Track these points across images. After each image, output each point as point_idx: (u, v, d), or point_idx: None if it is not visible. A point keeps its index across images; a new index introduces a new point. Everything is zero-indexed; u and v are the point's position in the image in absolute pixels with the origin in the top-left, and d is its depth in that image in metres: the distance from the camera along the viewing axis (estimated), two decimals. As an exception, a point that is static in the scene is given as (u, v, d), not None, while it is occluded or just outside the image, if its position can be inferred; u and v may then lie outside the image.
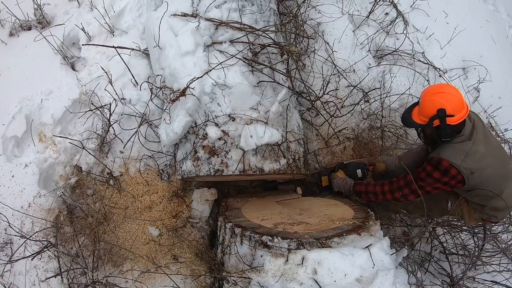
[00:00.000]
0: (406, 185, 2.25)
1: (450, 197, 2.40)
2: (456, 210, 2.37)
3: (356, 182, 2.54)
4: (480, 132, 2.16)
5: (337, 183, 2.63)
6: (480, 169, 2.08)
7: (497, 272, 2.97)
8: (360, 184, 2.51)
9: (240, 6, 2.45)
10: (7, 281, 2.29)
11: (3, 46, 2.93)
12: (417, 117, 2.16)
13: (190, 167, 2.29)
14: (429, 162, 2.17)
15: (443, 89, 2.09)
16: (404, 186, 2.27)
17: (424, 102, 2.10)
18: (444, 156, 2.09)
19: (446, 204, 2.43)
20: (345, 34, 3.33)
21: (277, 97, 2.31)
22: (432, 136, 2.19)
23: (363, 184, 2.49)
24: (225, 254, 2.17)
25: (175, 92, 2.30)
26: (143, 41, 2.80)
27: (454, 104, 2.03)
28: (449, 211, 2.41)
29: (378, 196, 2.38)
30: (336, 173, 2.67)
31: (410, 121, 2.20)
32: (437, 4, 3.97)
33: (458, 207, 2.36)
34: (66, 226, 2.49)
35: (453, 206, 2.37)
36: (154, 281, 2.54)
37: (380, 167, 2.76)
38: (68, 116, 2.66)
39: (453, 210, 2.38)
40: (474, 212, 2.37)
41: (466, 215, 2.41)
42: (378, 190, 2.38)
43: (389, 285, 1.72)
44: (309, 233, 1.94)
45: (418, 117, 2.15)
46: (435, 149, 2.20)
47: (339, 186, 2.62)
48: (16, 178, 2.47)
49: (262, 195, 2.84)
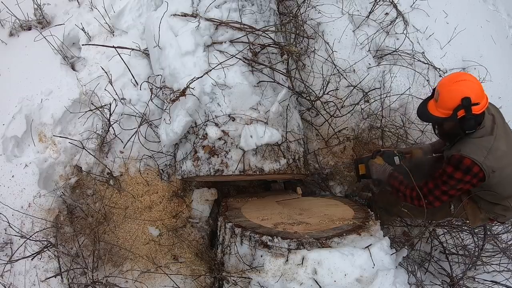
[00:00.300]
0: (430, 192, 2.12)
1: (453, 200, 2.33)
2: (459, 212, 2.31)
3: (393, 173, 2.38)
4: (501, 128, 2.04)
5: (375, 170, 2.48)
6: (501, 168, 1.97)
7: (497, 272, 2.97)
8: (395, 178, 2.34)
9: (240, 6, 2.45)
10: (7, 281, 2.29)
11: (3, 46, 2.93)
12: (436, 111, 2.00)
13: (190, 167, 2.29)
14: (448, 161, 2.04)
15: (462, 77, 1.94)
16: (427, 193, 2.13)
17: (444, 93, 1.94)
18: (465, 153, 1.95)
19: (449, 208, 2.37)
20: (345, 34, 3.33)
21: (277, 97, 2.31)
22: (452, 130, 2.04)
23: (398, 180, 2.32)
24: (225, 254, 2.17)
25: (175, 92, 2.30)
26: (143, 41, 2.80)
27: (476, 91, 1.89)
28: (453, 214, 2.36)
29: (407, 199, 2.25)
30: (374, 160, 2.53)
31: (429, 116, 2.03)
32: (437, 4, 3.97)
33: (462, 209, 2.29)
34: (66, 226, 2.49)
35: (456, 209, 2.31)
36: (154, 281, 2.54)
37: (418, 154, 2.62)
38: (68, 116, 2.66)
39: (456, 213, 2.32)
40: (479, 212, 2.29)
41: (471, 216, 2.32)
42: (407, 193, 2.24)
43: (389, 285, 1.72)
44: (309, 233, 1.94)
45: (438, 110, 1.99)
46: (454, 145, 2.07)
47: (377, 172, 2.47)
48: (16, 178, 2.47)
49: (262, 195, 2.84)
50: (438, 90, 1.99)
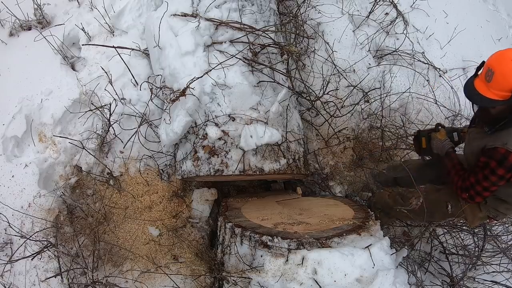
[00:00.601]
0: (472, 186, 2.01)
1: (451, 200, 2.32)
2: (457, 212, 2.29)
3: (451, 152, 2.27)
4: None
5: (436, 145, 2.36)
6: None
7: (497, 272, 2.97)
8: (451, 160, 2.22)
9: (240, 6, 2.45)
10: (7, 281, 2.29)
11: (3, 46, 2.93)
12: (489, 92, 1.78)
13: (190, 167, 2.29)
14: (491, 155, 1.88)
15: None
16: (470, 187, 2.02)
17: (504, 73, 1.71)
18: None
19: (447, 208, 2.35)
20: (345, 34, 3.33)
21: (277, 97, 2.31)
22: (501, 114, 1.84)
23: (453, 162, 2.20)
24: (225, 254, 2.17)
25: (175, 92, 2.30)
26: (143, 41, 2.80)
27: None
28: (451, 214, 2.34)
29: (453, 186, 2.13)
30: (436, 134, 2.40)
31: (483, 99, 1.80)
32: (437, 4, 3.98)
33: (460, 208, 2.27)
34: (66, 226, 2.49)
35: (453, 208, 2.29)
36: (154, 281, 2.54)
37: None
38: (68, 116, 2.65)
39: (454, 212, 2.30)
40: (479, 210, 2.23)
41: (469, 216, 2.28)
42: (455, 180, 2.12)
43: (389, 285, 1.72)
44: (309, 233, 1.94)
45: (491, 91, 1.77)
46: (497, 133, 1.89)
47: (437, 147, 2.34)
48: (16, 178, 2.47)
49: (262, 195, 2.84)
50: (491, 69, 1.76)
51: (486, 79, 1.79)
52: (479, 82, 1.84)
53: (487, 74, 1.78)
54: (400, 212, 2.45)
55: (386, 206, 2.68)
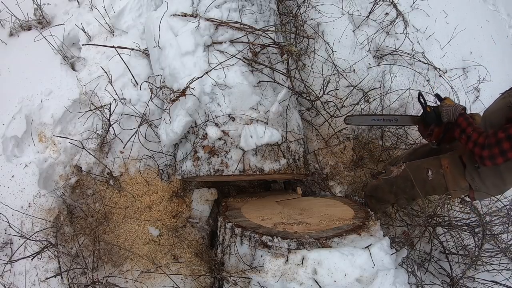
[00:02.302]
0: (497, 143, 1.86)
1: (431, 167, 2.25)
2: (437, 179, 2.21)
3: (464, 113, 2.16)
4: None
5: (446, 111, 2.21)
6: None
7: (497, 272, 2.97)
8: (466, 119, 2.10)
9: (240, 6, 2.45)
10: (7, 281, 2.29)
11: (3, 46, 2.93)
12: None
13: (190, 167, 2.29)
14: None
15: None
16: (495, 144, 1.87)
17: None
18: None
19: (427, 174, 2.26)
20: (345, 34, 3.33)
21: (277, 97, 2.31)
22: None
23: (468, 121, 2.08)
24: (225, 254, 2.17)
25: (175, 92, 2.30)
26: (143, 41, 2.80)
27: None
28: (431, 181, 2.26)
29: (469, 143, 2.00)
30: (444, 101, 2.28)
31: None
32: (437, 4, 3.98)
33: (440, 176, 2.19)
34: (66, 226, 2.49)
35: (434, 175, 2.22)
36: (154, 281, 2.54)
37: (478, 120, 2.33)
38: (68, 116, 2.66)
39: (434, 179, 2.23)
40: (462, 180, 2.15)
41: (451, 184, 2.19)
42: (473, 137, 1.98)
43: (389, 285, 1.72)
44: (309, 233, 1.94)
45: None
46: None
47: (448, 113, 2.20)
48: (16, 178, 2.47)
49: (262, 195, 2.84)
50: None
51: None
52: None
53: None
54: (386, 192, 2.43)
55: (373, 189, 2.68)
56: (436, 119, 2.26)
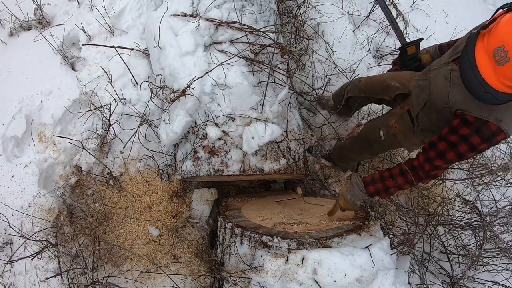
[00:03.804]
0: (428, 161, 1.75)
1: (382, 127, 2.22)
2: (389, 138, 2.19)
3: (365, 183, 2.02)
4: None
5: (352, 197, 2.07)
6: None
7: (497, 272, 2.97)
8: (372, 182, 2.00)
9: (240, 6, 2.45)
10: (7, 281, 2.29)
11: (3, 46, 2.93)
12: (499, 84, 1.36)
13: (190, 167, 2.29)
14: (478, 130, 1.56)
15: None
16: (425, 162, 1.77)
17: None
18: (504, 126, 1.52)
19: (379, 134, 2.23)
20: (345, 34, 3.33)
21: (277, 97, 2.31)
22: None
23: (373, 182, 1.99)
24: (225, 254, 2.17)
25: (175, 92, 2.30)
26: (143, 41, 2.80)
27: None
28: (384, 140, 2.24)
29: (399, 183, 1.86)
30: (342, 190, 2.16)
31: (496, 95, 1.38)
32: (437, 4, 3.98)
33: (392, 135, 2.16)
34: (66, 226, 2.49)
35: (385, 135, 2.21)
36: (154, 281, 2.54)
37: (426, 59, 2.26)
38: (68, 116, 2.66)
39: (386, 139, 2.21)
40: (413, 135, 2.05)
41: (404, 142, 2.13)
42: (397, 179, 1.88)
43: (389, 285, 1.72)
44: (309, 233, 1.94)
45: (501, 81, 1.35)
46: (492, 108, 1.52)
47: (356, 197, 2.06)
48: (16, 178, 2.47)
49: (262, 195, 2.84)
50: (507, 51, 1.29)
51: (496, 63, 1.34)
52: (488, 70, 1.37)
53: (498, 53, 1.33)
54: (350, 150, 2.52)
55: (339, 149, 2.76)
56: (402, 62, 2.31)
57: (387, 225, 2.96)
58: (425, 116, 1.90)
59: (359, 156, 2.62)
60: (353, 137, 2.50)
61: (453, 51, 1.76)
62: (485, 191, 3.21)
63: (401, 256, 2.31)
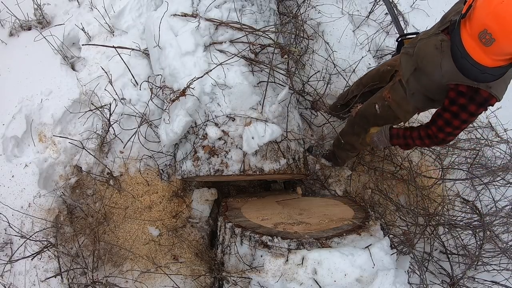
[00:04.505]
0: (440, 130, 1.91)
1: (378, 101, 2.33)
2: (384, 110, 2.29)
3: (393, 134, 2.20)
4: None
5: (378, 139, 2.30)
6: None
7: (497, 272, 2.97)
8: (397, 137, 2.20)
9: (240, 6, 2.45)
10: (7, 281, 2.29)
11: (3, 46, 2.93)
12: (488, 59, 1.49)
13: (190, 167, 2.29)
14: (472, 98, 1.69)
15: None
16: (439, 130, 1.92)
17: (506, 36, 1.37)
18: (495, 92, 1.64)
19: (375, 108, 2.34)
20: (345, 34, 3.33)
21: (277, 97, 2.31)
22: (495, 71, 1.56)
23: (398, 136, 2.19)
24: (225, 254, 2.17)
25: (175, 92, 2.30)
26: (143, 41, 2.80)
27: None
28: (380, 114, 2.33)
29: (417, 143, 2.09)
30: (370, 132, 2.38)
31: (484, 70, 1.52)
32: (437, 4, 3.97)
33: (386, 107, 2.26)
34: (66, 226, 2.49)
35: (381, 108, 2.30)
36: (154, 281, 2.54)
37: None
38: (68, 116, 2.66)
39: (382, 111, 2.30)
40: (407, 103, 2.16)
41: (399, 111, 2.23)
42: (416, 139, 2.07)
43: (389, 285, 1.72)
44: (309, 233, 1.94)
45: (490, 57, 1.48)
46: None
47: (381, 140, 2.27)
48: (16, 178, 2.47)
49: (262, 195, 2.83)
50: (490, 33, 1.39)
51: (483, 43, 1.46)
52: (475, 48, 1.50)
53: (483, 36, 1.43)
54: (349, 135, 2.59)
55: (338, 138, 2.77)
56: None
57: (387, 225, 2.96)
58: (415, 80, 2.02)
59: (357, 140, 2.63)
60: (352, 119, 2.59)
61: (441, 22, 1.88)
62: (485, 191, 3.22)
63: (401, 256, 2.31)
